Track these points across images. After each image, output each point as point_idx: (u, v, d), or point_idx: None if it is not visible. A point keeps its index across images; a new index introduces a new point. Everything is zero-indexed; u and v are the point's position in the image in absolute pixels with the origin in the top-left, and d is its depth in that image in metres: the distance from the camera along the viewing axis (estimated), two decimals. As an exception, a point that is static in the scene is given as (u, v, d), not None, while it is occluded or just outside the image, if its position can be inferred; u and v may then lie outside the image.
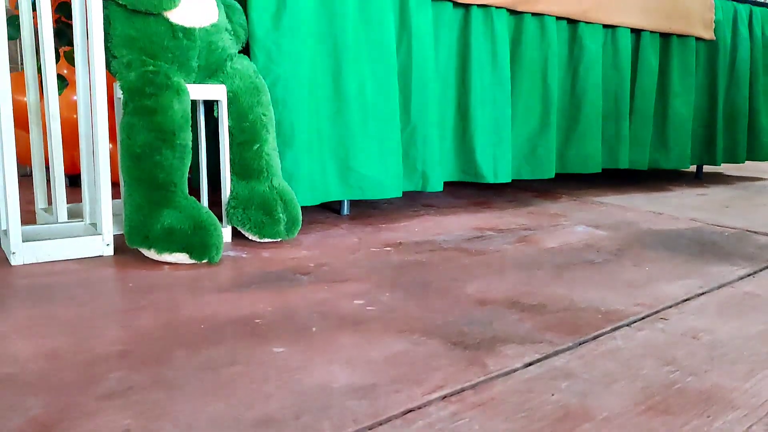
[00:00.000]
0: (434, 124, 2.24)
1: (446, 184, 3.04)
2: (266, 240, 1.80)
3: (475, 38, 2.32)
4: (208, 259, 1.58)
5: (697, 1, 3.04)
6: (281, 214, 1.78)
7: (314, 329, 1.16)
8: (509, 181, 2.44)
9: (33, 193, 1.97)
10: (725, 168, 4.14)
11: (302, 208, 2.27)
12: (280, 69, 1.90)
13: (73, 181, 2.79)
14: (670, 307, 1.33)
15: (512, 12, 2.44)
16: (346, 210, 2.23)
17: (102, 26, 1.59)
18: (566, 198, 2.70)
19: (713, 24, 3.11)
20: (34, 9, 1.96)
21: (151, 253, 1.58)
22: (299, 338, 1.11)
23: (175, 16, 1.64)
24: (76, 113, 2.45)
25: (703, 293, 1.43)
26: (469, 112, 2.34)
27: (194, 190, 2.18)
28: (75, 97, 2.43)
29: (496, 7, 2.35)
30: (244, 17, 1.91)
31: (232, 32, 1.86)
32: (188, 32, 1.67)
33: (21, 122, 2.59)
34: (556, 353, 1.07)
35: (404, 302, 1.32)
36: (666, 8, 2.90)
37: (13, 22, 1.99)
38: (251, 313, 1.24)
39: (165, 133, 1.59)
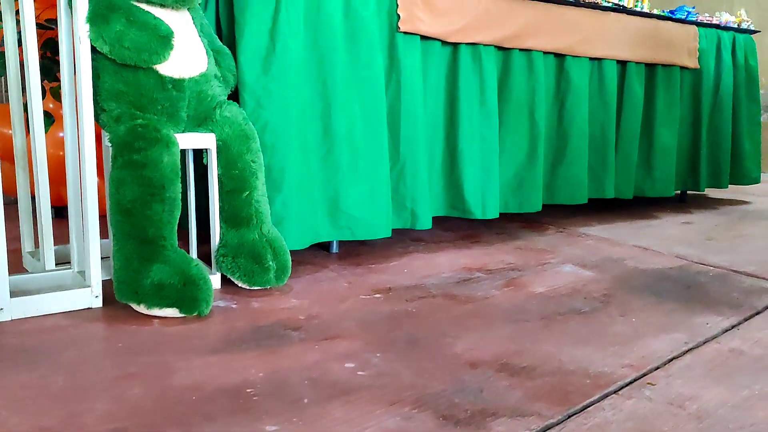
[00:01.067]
0: (423, 161, 2.25)
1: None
2: (256, 288, 1.80)
3: (464, 75, 2.34)
4: (197, 312, 1.58)
5: (682, 31, 3.08)
6: (271, 262, 1.78)
7: (306, 400, 1.17)
8: (497, 216, 2.46)
9: (19, 226, 1.95)
10: (709, 189, 4.19)
11: (291, 245, 2.27)
12: (269, 114, 1.90)
13: (59, 212, 2.77)
14: (657, 368, 1.35)
15: (500, 48, 2.46)
16: (335, 248, 2.23)
17: (89, 63, 1.58)
18: (553, 229, 2.72)
19: (697, 53, 3.15)
20: (20, 45, 1.95)
21: (141, 308, 1.58)
22: (292, 412, 1.12)
23: (164, 68, 1.64)
24: (63, 150, 2.44)
25: (689, 350, 1.45)
26: (458, 148, 2.36)
27: (184, 232, 2.17)
28: (62, 134, 2.41)
29: (485, 45, 2.37)
30: (233, 62, 1.91)
31: (221, 77, 1.86)
32: (177, 83, 1.67)
33: (7, 155, 2.57)
34: (546, 429, 1.09)
35: (395, 365, 1.33)
36: (651, 40, 2.93)
37: (-1, 58, 1.98)
38: (243, 380, 1.24)
39: (154, 188, 1.59)
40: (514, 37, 2.44)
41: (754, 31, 3.54)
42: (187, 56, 1.69)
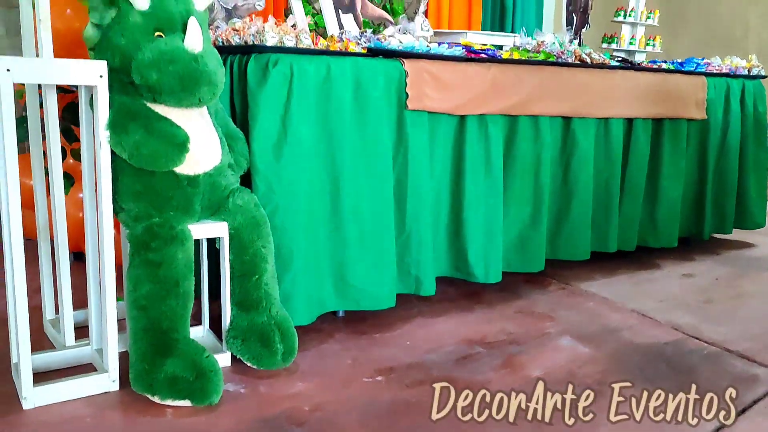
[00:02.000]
0: (428, 230, 2.32)
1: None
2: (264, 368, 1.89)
3: (470, 144, 2.39)
4: (208, 403, 1.68)
5: (690, 83, 3.10)
6: (279, 345, 1.87)
7: None
8: (499, 280, 2.53)
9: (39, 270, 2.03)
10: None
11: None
12: (279, 198, 1.98)
13: (78, 256, 2.87)
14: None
15: (507, 114, 2.51)
16: (341, 313, 2.31)
17: (109, 164, 1.66)
18: (555, 285, 2.79)
19: (705, 103, 3.18)
20: (41, 107, 2.02)
21: (156, 399, 1.67)
22: None
23: (180, 167, 1.71)
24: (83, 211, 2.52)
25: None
26: (463, 214, 2.42)
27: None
28: (81, 195, 2.50)
29: (491, 114, 2.42)
30: (246, 146, 1.98)
31: (234, 163, 1.94)
32: (192, 180, 1.75)
33: (28, 203, 2.66)
34: None
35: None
36: (659, 94, 2.96)
37: (21, 123, 2.06)
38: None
39: (169, 284, 1.68)
40: (521, 104, 2.49)
41: (765, 76, 3.55)
42: (202, 153, 1.76)
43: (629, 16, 3.87)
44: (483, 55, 2.42)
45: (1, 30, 3.43)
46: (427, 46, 2.30)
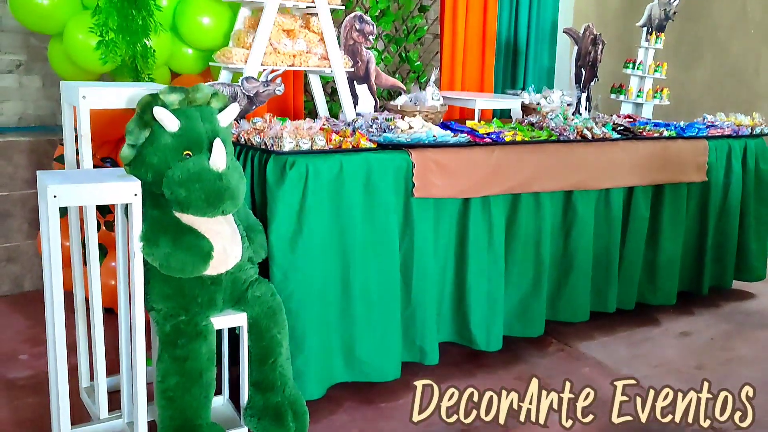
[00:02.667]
0: (432, 304, 2.50)
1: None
2: (278, 443, 2.09)
3: (473, 223, 2.56)
4: (228, 484, 1.88)
5: (691, 148, 3.22)
6: (291, 423, 2.06)
7: None
8: (500, 348, 2.69)
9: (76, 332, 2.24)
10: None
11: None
12: (294, 285, 2.17)
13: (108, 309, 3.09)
14: None
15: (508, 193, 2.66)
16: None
17: (141, 270, 1.85)
18: (555, 346, 2.94)
19: (706, 166, 3.29)
20: None
21: (181, 478, 1.88)
22: None
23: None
24: (116, 279, 2.72)
25: None
26: (466, 285, 2.59)
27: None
28: (114, 264, 2.71)
29: (494, 195, 2.58)
30: (265, 238, 2.17)
31: (254, 253, 2.13)
32: (216, 279, 1.95)
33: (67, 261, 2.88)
34: None
35: None
36: (659, 161, 3.09)
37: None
38: None
39: (194, 376, 1.88)
40: (523, 184, 2.65)
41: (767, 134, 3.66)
42: (225, 255, 1.95)
43: (638, 69, 3.99)
44: (487, 139, 2.58)
45: (38, 82, 3.65)
46: (434, 136, 2.46)
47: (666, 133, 3.18)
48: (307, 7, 2.71)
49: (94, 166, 2.15)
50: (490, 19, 4.45)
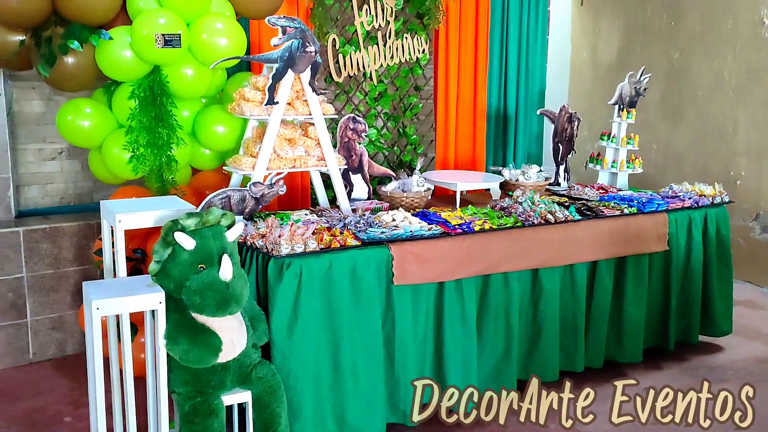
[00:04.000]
0: (414, 373, 2.91)
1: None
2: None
3: (448, 302, 2.98)
4: None
5: (651, 223, 3.61)
6: (290, 481, 2.49)
7: None
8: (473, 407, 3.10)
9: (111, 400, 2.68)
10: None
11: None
12: (291, 365, 2.61)
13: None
14: None
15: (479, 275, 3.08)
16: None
17: (165, 362, 2.31)
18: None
19: (667, 236, 3.67)
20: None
21: None
22: None
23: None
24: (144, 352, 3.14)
25: None
26: (443, 357, 3.00)
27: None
28: (143, 339, 3.18)
29: (466, 278, 3.01)
30: (266, 326, 2.62)
31: (257, 339, 2.57)
32: (225, 365, 2.40)
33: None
34: None
35: None
36: (621, 236, 3.48)
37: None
38: None
39: (208, 446, 2.32)
40: (492, 266, 3.06)
41: (729, 202, 4.02)
42: (232, 346, 2.40)
43: (612, 141, 4.39)
44: (458, 230, 3.01)
45: (78, 166, 4.16)
46: (411, 231, 2.89)
47: (627, 210, 3.57)
48: (305, 119, 3.18)
49: (127, 259, 2.63)
50: (480, 92, 4.92)
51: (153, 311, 2.31)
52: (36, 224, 3.65)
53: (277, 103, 3.00)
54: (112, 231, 2.54)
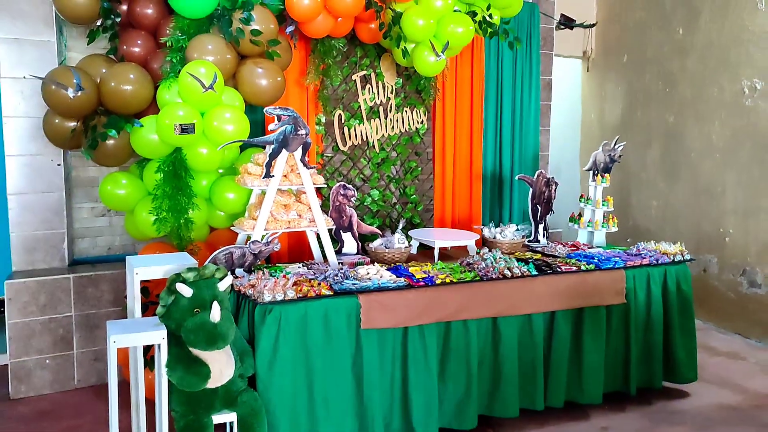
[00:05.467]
0: (380, 406, 3.43)
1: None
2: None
3: (411, 346, 3.50)
4: None
5: (608, 278, 4.05)
6: (265, 490, 3.04)
7: None
8: (436, 434, 3.58)
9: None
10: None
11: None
12: (271, 394, 3.18)
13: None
14: None
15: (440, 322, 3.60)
16: None
17: (165, 387, 2.92)
18: (491, 436, 3.78)
19: (624, 291, 4.10)
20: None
21: None
22: None
23: (206, 385, 2.96)
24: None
25: None
26: (408, 394, 3.51)
27: None
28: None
29: (428, 324, 3.53)
30: (253, 360, 3.20)
31: (244, 371, 3.16)
32: (215, 390, 2.99)
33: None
34: None
35: None
36: (577, 290, 3.94)
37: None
38: None
39: (197, 456, 2.91)
40: (451, 314, 3.58)
41: (691, 260, 4.41)
42: (220, 375, 3.00)
43: (588, 203, 4.86)
44: (421, 283, 3.55)
45: (122, 221, 4.91)
46: (378, 284, 3.46)
47: (584, 267, 4.03)
48: (298, 188, 3.83)
49: (151, 302, 3.28)
50: (476, 156, 5.49)
51: (158, 345, 2.94)
52: (84, 272, 4.39)
53: (273, 176, 3.65)
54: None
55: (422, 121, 5.27)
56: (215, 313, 2.92)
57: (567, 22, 6.69)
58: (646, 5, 6.60)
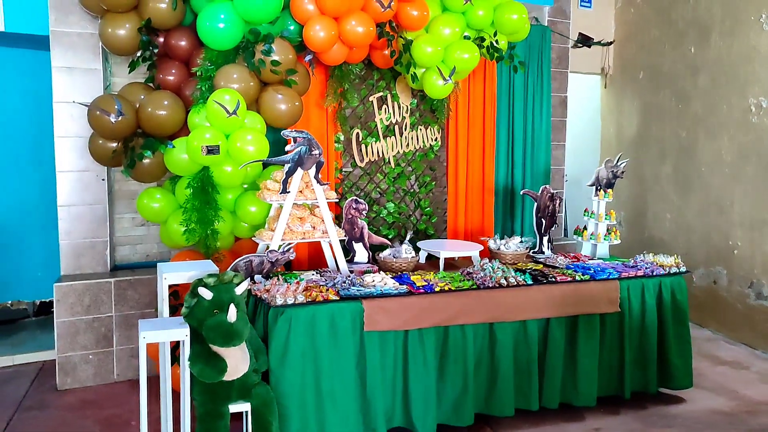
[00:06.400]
0: (382, 402, 3.77)
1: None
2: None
3: (412, 347, 3.84)
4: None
5: (602, 288, 4.31)
6: (275, 473, 3.42)
7: None
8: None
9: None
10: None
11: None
12: (283, 387, 3.56)
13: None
14: None
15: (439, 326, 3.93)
16: None
17: (188, 378, 3.33)
18: (487, 434, 4.09)
19: (618, 300, 4.35)
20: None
21: (205, 499, 3.28)
22: None
23: (223, 378, 3.36)
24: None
25: None
26: (408, 391, 3.85)
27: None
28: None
29: (427, 327, 3.87)
30: (266, 356, 3.59)
31: (258, 366, 3.55)
32: (231, 383, 3.38)
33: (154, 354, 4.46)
34: None
35: None
36: (572, 299, 4.21)
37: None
38: None
39: (215, 440, 3.31)
40: (449, 319, 3.90)
41: (686, 272, 4.64)
42: (235, 369, 3.39)
43: (591, 217, 5.12)
44: (421, 290, 3.89)
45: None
46: (381, 290, 3.81)
47: (578, 277, 4.31)
48: (312, 203, 4.22)
49: (180, 305, 3.70)
50: (488, 171, 5.80)
51: (182, 341, 3.36)
52: (124, 276, 4.87)
53: (289, 192, 4.05)
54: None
55: (436, 138, 5.61)
56: (232, 314, 3.32)
57: (585, 41, 6.95)
58: (660, 24, 6.81)
